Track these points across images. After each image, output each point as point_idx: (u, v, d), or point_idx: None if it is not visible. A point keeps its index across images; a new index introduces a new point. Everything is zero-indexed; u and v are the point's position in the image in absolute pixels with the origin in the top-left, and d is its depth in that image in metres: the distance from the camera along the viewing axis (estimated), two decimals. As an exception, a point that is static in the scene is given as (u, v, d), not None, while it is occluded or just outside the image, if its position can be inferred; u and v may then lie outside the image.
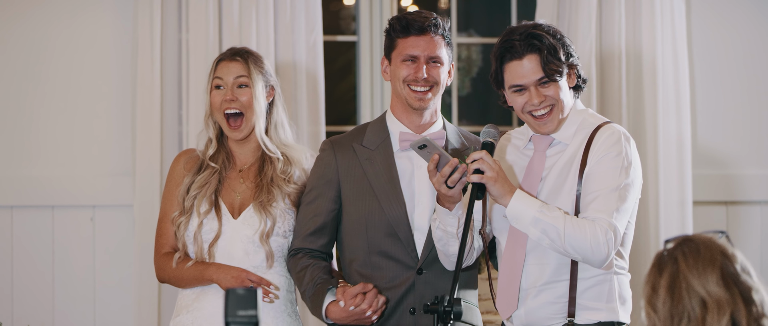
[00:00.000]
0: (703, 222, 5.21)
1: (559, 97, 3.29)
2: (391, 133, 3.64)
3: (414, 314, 3.55)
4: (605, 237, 3.18)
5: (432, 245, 3.50)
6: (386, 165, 3.60)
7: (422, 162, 3.53)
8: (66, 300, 4.85)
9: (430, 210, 3.57)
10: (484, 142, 3.28)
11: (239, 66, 3.66)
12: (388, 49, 3.62)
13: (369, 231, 3.58)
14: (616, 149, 3.26)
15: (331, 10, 5.37)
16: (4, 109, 4.85)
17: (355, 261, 3.61)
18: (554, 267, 3.29)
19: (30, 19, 4.86)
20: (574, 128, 3.35)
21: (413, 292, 3.55)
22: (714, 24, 5.26)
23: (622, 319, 3.32)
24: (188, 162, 3.72)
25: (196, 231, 3.63)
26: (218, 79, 3.66)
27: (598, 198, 3.22)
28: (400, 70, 3.57)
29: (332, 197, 3.62)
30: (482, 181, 3.18)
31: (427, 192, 3.58)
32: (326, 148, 3.67)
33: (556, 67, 3.27)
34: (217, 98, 3.66)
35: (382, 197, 3.57)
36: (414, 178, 3.60)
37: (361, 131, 3.69)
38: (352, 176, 3.61)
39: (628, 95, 5.06)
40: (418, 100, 3.57)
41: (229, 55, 3.69)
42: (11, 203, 4.83)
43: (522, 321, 3.34)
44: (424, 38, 3.56)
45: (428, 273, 3.56)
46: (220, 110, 3.66)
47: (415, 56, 3.56)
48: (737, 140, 5.27)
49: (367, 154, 3.62)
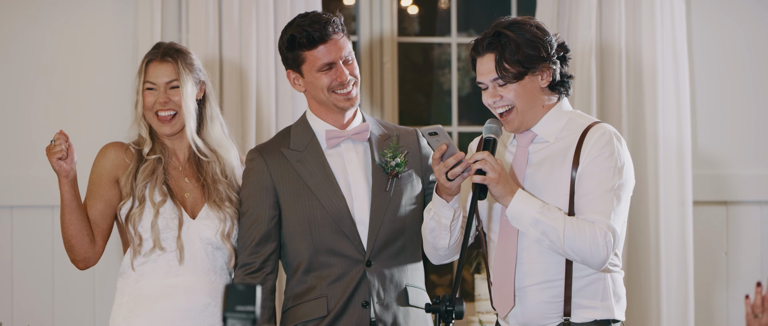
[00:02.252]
0: (703, 222, 5.22)
1: (515, 99, 3.28)
2: (316, 133, 3.66)
3: (366, 307, 3.56)
4: (604, 239, 3.19)
5: (376, 236, 3.55)
6: (319, 163, 3.62)
7: (353, 156, 3.61)
8: (66, 300, 4.85)
9: (367, 201, 3.59)
10: (485, 139, 3.28)
11: (170, 68, 3.68)
12: (294, 62, 3.61)
13: (313, 230, 3.59)
14: (608, 149, 3.26)
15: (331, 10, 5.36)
16: (4, 109, 4.85)
17: (301, 265, 3.61)
18: (548, 267, 3.30)
19: (30, 19, 4.85)
20: (558, 125, 3.34)
21: (364, 285, 3.57)
22: (714, 23, 5.26)
23: (617, 317, 3.33)
24: (127, 151, 3.72)
25: (152, 221, 3.62)
26: (150, 83, 3.68)
27: (595, 200, 3.22)
28: (319, 80, 3.58)
29: (271, 203, 3.62)
30: (484, 182, 3.18)
31: (362, 185, 3.61)
32: (255, 157, 3.67)
33: (510, 68, 3.26)
34: (150, 99, 3.68)
35: (320, 194, 3.58)
36: (347, 173, 3.62)
37: (285, 136, 3.70)
38: (286, 179, 3.62)
39: (627, 95, 5.06)
40: (346, 100, 3.61)
41: (160, 55, 3.70)
42: (11, 203, 4.83)
43: (518, 320, 3.34)
44: (331, 43, 3.57)
45: (376, 263, 3.58)
46: (153, 110, 3.69)
47: (331, 62, 3.57)
48: (737, 140, 5.27)
49: (297, 156, 3.63)
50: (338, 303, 3.56)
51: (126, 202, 3.66)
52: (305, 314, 3.59)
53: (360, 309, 3.56)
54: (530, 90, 3.29)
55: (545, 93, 3.33)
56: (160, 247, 3.63)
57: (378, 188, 3.59)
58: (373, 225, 3.57)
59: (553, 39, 3.33)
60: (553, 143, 3.33)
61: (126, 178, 3.67)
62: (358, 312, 3.55)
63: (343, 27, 3.60)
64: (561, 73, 3.33)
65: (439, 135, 3.22)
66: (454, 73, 5.35)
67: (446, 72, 5.48)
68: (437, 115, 5.43)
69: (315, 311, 3.58)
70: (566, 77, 3.35)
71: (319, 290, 3.58)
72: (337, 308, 3.56)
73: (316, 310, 3.58)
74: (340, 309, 3.56)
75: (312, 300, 3.59)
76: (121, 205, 3.67)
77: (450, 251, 3.40)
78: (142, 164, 3.67)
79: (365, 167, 3.63)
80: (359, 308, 3.56)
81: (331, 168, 3.62)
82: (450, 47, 5.39)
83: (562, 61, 3.34)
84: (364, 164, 3.63)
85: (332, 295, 3.57)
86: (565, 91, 3.36)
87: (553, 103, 3.35)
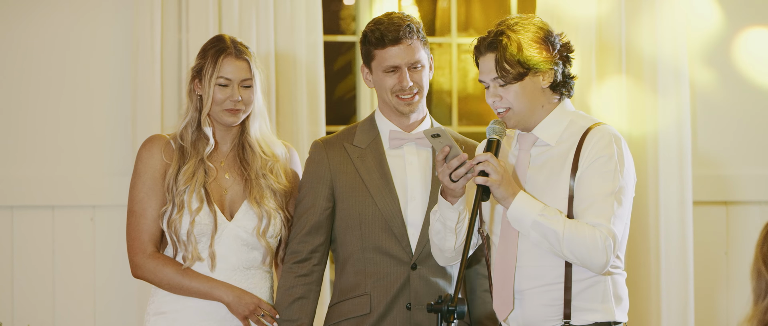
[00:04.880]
0: (703, 222, 5.22)
1: (514, 100, 3.27)
2: (381, 132, 3.68)
3: (410, 310, 3.57)
4: (604, 243, 3.17)
5: (426, 240, 3.55)
6: (378, 162, 3.63)
7: (414, 159, 3.62)
8: (66, 300, 4.85)
9: (422, 205, 3.60)
10: (489, 140, 3.27)
11: (245, 67, 3.64)
12: (367, 58, 3.65)
13: (363, 226, 3.60)
14: (607, 152, 3.23)
15: (331, 10, 5.36)
16: (4, 109, 4.84)
17: (349, 259, 3.63)
18: (548, 270, 3.28)
19: (30, 19, 4.85)
20: (559, 128, 3.32)
21: (408, 288, 3.58)
22: (714, 22, 5.26)
23: (618, 319, 3.31)
24: (166, 149, 3.64)
25: (189, 230, 3.58)
26: (224, 78, 3.62)
27: (595, 204, 3.21)
28: (384, 80, 3.61)
29: (326, 195, 3.64)
30: (486, 184, 3.17)
31: (419, 188, 3.62)
32: (318, 148, 3.69)
33: (510, 68, 3.25)
34: (221, 95, 3.62)
35: (375, 192, 3.60)
36: (406, 175, 3.63)
37: (351, 131, 3.72)
38: (344, 173, 3.64)
39: (627, 95, 5.06)
40: (406, 105, 3.62)
41: (235, 52, 3.65)
42: (11, 203, 4.83)
43: (518, 322, 3.33)
44: (401, 46, 3.59)
45: (422, 268, 3.59)
46: (222, 107, 3.63)
47: (396, 66, 3.59)
48: (737, 140, 5.27)
49: (358, 152, 3.65)
50: (381, 302, 3.57)
51: (167, 207, 3.60)
52: (349, 311, 3.60)
53: (405, 311, 3.57)
54: (531, 90, 3.28)
55: (546, 93, 3.31)
56: (198, 258, 3.60)
57: (436, 194, 3.57)
58: (425, 230, 3.58)
59: (556, 39, 3.31)
60: (554, 146, 3.31)
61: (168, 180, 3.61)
62: (402, 314, 3.57)
63: (419, 33, 3.62)
64: (563, 74, 3.31)
65: (442, 137, 3.22)
66: (454, 73, 5.35)
67: (446, 72, 5.48)
68: (437, 115, 5.43)
69: (358, 308, 3.59)
70: (569, 78, 3.33)
71: (363, 287, 3.60)
72: (381, 308, 3.57)
73: (359, 308, 3.59)
74: (384, 309, 3.57)
75: (356, 297, 3.60)
76: (163, 210, 3.60)
77: (456, 253, 3.40)
78: (183, 163, 3.62)
79: (425, 172, 3.64)
80: (404, 310, 3.57)
81: (389, 167, 3.63)
82: (450, 47, 5.39)
83: (565, 61, 3.32)
84: (424, 169, 3.65)
85: (376, 294, 3.58)
86: (567, 92, 3.34)
87: (555, 103, 3.33)
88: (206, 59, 3.64)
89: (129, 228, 3.62)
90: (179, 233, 3.58)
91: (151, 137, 3.69)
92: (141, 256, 3.60)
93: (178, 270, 3.57)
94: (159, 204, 3.61)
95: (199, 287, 3.57)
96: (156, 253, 3.61)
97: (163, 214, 3.59)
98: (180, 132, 3.66)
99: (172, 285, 3.59)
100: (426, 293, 3.58)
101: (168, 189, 3.60)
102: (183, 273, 3.57)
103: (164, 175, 3.61)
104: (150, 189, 3.61)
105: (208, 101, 3.62)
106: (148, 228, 3.61)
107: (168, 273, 3.58)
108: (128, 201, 3.64)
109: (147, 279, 3.62)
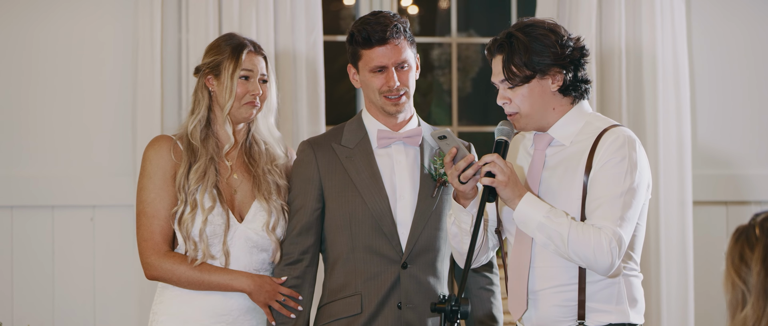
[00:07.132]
0: (704, 222, 5.22)
1: (521, 103, 3.26)
2: (368, 132, 3.68)
3: (401, 308, 3.57)
4: (609, 246, 3.16)
5: (415, 239, 3.56)
6: (367, 162, 3.63)
7: (402, 158, 3.62)
8: (66, 300, 4.85)
9: (411, 204, 3.60)
10: (497, 141, 3.27)
11: (263, 62, 3.65)
12: (353, 57, 3.64)
13: (353, 226, 3.60)
14: (620, 154, 3.22)
15: (331, 10, 5.37)
16: (5, 109, 4.84)
17: (339, 259, 3.62)
18: (562, 271, 3.27)
19: (30, 19, 4.85)
20: (575, 129, 3.31)
21: (399, 287, 3.58)
22: (714, 22, 5.26)
23: (633, 320, 3.29)
24: (174, 148, 3.63)
25: (201, 229, 3.57)
26: (247, 71, 3.62)
27: (603, 206, 3.19)
28: (371, 81, 3.60)
29: (315, 196, 3.64)
30: (493, 185, 3.17)
31: (408, 187, 3.62)
32: (305, 149, 3.69)
33: (517, 71, 3.24)
34: (242, 89, 3.62)
35: (364, 192, 3.59)
36: (394, 174, 3.63)
37: (338, 131, 3.72)
38: (333, 174, 3.64)
39: (628, 94, 5.06)
40: (393, 106, 3.62)
41: (254, 49, 3.65)
42: (11, 203, 4.83)
43: (532, 322, 3.32)
44: (388, 46, 3.58)
45: (412, 267, 3.58)
46: (242, 101, 3.62)
47: (383, 66, 3.58)
48: (737, 140, 5.28)
49: (346, 152, 3.65)
50: (372, 302, 3.57)
51: (179, 207, 3.58)
52: (340, 311, 3.60)
53: (396, 310, 3.57)
54: (539, 93, 3.27)
55: (557, 96, 3.29)
56: (210, 257, 3.58)
57: (424, 193, 3.59)
58: (414, 228, 3.58)
59: (568, 42, 3.28)
60: (568, 147, 3.30)
61: (178, 179, 3.59)
62: (393, 313, 3.57)
63: (406, 33, 3.61)
64: (575, 77, 3.29)
65: (448, 138, 3.22)
66: (454, 73, 5.35)
67: (446, 72, 5.48)
68: (437, 114, 5.42)
69: (349, 308, 3.59)
70: (580, 81, 3.30)
71: (354, 287, 3.59)
72: (372, 307, 3.57)
73: (351, 307, 3.58)
74: (375, 308, 3.57)
75: (347, 297, 3.60)
76: (175, 210, 3.58)
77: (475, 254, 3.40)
78: (194, 162, 3.62)
79: (413, 171, 3.64)
80: (395, 309, 3.57)
81: (378, 167, 3.63)
82: (450, 47, 5.39)
83: (576, 64, 3.29)
84: (413, 168, 3.64)
85: (367, 293, 3.57)
86: (578, 95, 3.31)
87: (569, 105, 3.31)
88: (223, 54, 3.63)
89: (141, 230, 3.60)
90: (191, 232, 3.57)
91: (157, 137, 3.68)
92: (155, 256, 3.58)
93: (194, 266, 3.56)
94: (170, 204, 3.59)
95: (219, 279, 3.56)
96: (170, 252, 3.60)
97: (175, 214, 3.58)
98: (190, 130, 3.65)
99: (191, 281, 3.57)
100: (417, 292, 3.58)
101: (179, 189, 3.59)
102: (200, 268, 3.57)
103: (174, 175, 3.60)
104: (161, 189, 3.60)
105: (231, 96, 3.61)
106: (162, 229, 3.59)
107: (185, 270, 3.57)
108: (137, 202, 3.62)
109: (163, 279, 3.60)
